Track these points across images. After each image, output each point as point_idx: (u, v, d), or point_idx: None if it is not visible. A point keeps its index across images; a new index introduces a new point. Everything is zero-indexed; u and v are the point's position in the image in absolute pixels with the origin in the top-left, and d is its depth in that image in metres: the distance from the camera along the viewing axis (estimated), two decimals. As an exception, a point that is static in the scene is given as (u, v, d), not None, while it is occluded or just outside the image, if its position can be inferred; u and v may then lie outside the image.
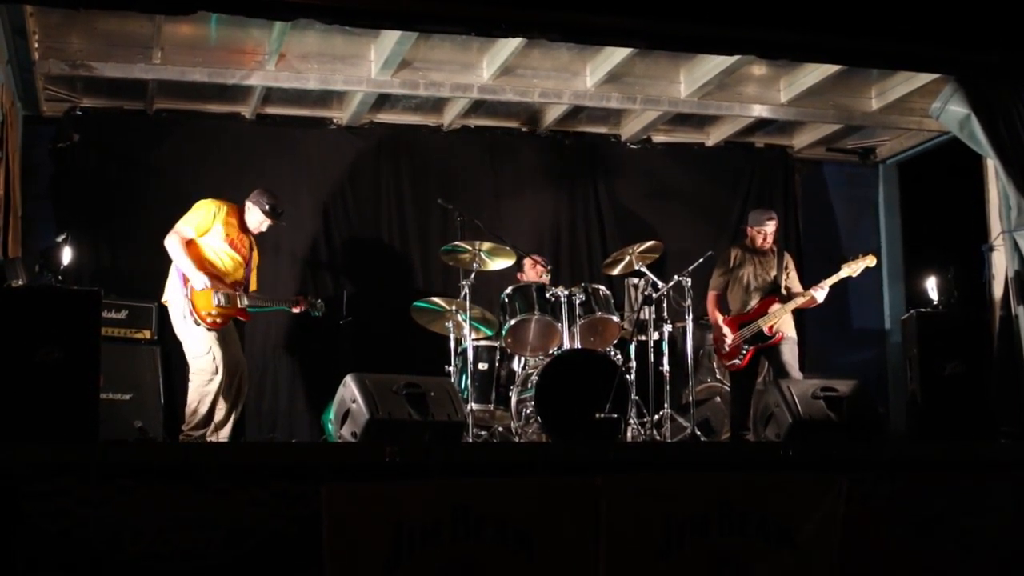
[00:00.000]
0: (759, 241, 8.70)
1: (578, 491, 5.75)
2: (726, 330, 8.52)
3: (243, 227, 8.03)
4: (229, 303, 7.77)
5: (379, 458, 5.64)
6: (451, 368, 8.54)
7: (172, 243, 7.72)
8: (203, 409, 7.69)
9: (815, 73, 9.18)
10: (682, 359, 8.51)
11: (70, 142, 9.31)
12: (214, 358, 7.72)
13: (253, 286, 8.13)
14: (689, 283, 8.33)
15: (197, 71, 8.72)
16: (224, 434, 7.75)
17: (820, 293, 8.44)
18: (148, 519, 5.14)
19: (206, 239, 7.83)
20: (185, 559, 5.15)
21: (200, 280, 7.63)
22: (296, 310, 8.35)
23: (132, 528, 5.11)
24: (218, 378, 7.71)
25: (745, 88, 9.72)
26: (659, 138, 10.84)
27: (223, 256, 7.87)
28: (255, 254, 8.17)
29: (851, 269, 8.50)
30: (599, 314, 8.36)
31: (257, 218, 8.04)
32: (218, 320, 7.73)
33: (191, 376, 7.78)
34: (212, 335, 7.72)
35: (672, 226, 10.45)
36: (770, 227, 8.70)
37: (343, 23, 7.15)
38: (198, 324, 7.67)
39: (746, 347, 8.44)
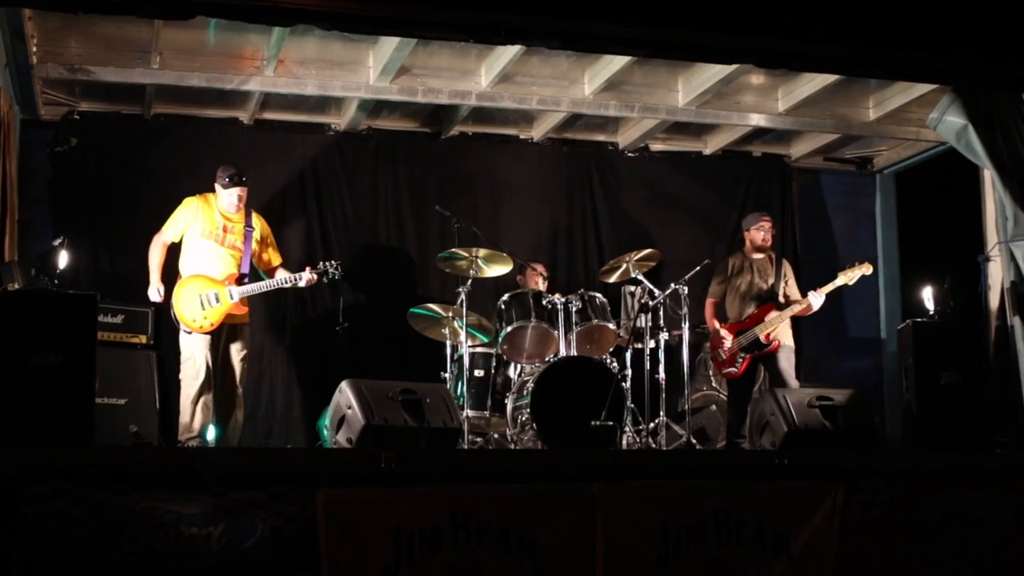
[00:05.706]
0: (759, 240, 8.69)
1: (576, 498, 5.74)
2: (724, 336, 8.52)
3: (226, 215, 7.92)
4: (218, 302, 7.71)
5: (375, 464, 5.63)
6: (447, 374, 8.53)
7: (152, 245, 7.87)
8: (185, 417, 7.69)
9: (813, 83, 9.19)
10: (678, 367, 8.51)
11: (68, 146, 9.29)
12: (194, 362, 7.69)
13: (276, 261, 8.12)
14: (686, 291, 8.31)
15: (195, 76, 8.73)
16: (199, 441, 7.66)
17: (816, 300, 8.44)
18: (144, 521, 5.13)
19: (188, 240, 7.84)
20: (181, 560, 5.15)
21: (153, 290, 7.75)
22: (304, 284, 8.04)
23: (128, 530, 5.10)
24: (197, 383, 7.67)
25: (743, 97, 9.73)
26: (657, 146, 10.85)
27: (207, 254, 7.82)
28: (259, 233, 8.04)
29: (847, 277, 8.51)
30: (595, 322, 8.36)
31: (227, 197, 7.88)
32: (207, 324, 7.69)
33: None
34: (198, 340, 7.69)
35: (669, 234, 10.46)
36: (767, 224, 8.73)
37: (342, 29, 7.13)
38: (188, 332, 7.69)
39: (743, 355, 8.44)
